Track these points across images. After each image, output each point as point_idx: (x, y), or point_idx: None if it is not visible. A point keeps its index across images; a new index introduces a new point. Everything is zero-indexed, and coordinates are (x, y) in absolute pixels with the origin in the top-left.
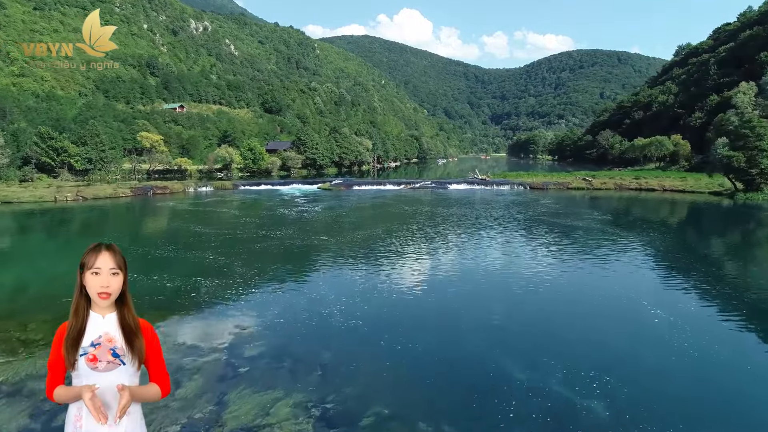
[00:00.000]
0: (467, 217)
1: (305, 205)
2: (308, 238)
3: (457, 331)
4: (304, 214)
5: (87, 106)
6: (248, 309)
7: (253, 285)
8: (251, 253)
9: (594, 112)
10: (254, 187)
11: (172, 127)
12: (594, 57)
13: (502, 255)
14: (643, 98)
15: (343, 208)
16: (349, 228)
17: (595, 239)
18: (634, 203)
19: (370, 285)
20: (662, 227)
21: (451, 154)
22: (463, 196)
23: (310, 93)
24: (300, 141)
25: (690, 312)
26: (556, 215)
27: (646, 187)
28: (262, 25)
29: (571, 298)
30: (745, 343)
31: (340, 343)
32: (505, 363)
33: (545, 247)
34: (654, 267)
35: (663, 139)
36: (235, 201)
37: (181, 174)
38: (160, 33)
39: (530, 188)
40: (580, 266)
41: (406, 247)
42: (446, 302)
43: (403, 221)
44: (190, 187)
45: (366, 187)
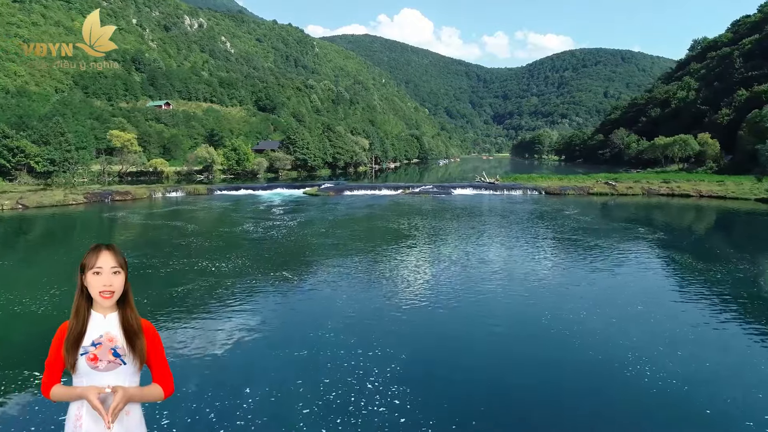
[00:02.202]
0: (477, 235)
1: (280, 217)
2: (254, 275)
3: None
4: (272, 233)
5: (61, 102)
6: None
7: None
8: (159, 301)
9: (598, 112)
10: (232, 192)
11: (152, 125)
12: (597, 56)
13: (535, 304)
14: (659, 95)
15: (323, 223)
16: (318, 256)
17: (657, 270)
18: (674, 213)
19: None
20: (734, 249)
21: (453, 155)
22: (469, 204)
23: (307, 91)
24: (289, 140)
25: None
26: (589, 231)
27: (679, 192)
28: (260, 23)
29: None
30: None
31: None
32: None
33: (592, 285)
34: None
35: (687, 137)
36: (200, 210)
37: (157, 176)
38: (151, 28)
39: (546, 194)
40: (663, 319)
41: (389, 303)
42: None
43: (393, 244)
44: (157, 193)
45: (358, 192)
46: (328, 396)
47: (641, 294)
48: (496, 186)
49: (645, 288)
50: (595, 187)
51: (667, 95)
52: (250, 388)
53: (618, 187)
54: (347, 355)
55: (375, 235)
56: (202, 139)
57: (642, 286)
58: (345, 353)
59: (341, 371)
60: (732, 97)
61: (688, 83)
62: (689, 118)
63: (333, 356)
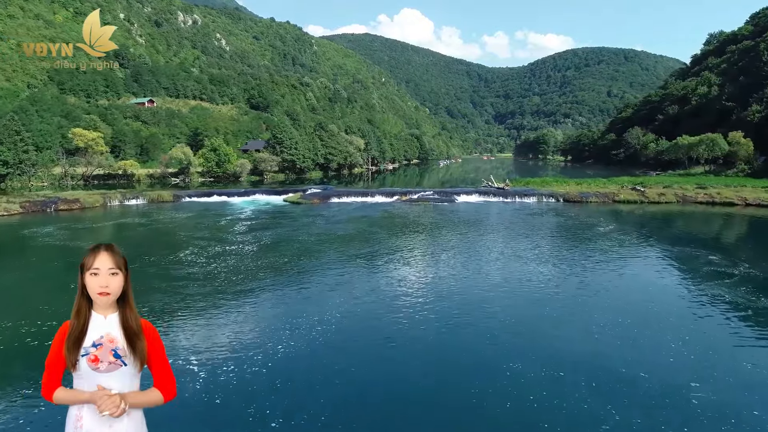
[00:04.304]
0: (493, 267)
1: (241, 236)
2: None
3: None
4: (211, 266)
5: (30, 99)
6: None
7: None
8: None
9: (602, 111)
10: (203, 199)
11: (129, 123)
12: (600, 55)
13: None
14: (675, 91)
15: (294, 245)
16: (267, 305)
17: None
18: (726, 228)
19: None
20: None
21: (455, 155)
22: (476, 215)
23: (302, 88)
24: (276, 139)
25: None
26: (633, 259)
27: (720, 200)
28: (257, 20)
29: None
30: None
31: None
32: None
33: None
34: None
35: (715, 136)
36: (152, 225)
37: (128, 179)
38: (140, 24)
39: (564, 201)
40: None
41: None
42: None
43: (379, 283)
44: (114, 200)
45: (347, 199)
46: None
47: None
48: (506, 192)
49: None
50: (620, 193)
51: (685, 91)
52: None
53: (648, 194)
54: None
55: (354, 270)
56: (185, 138)
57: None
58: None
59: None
60: (762, 92)
61: (708, 78)
62: (713, 115)
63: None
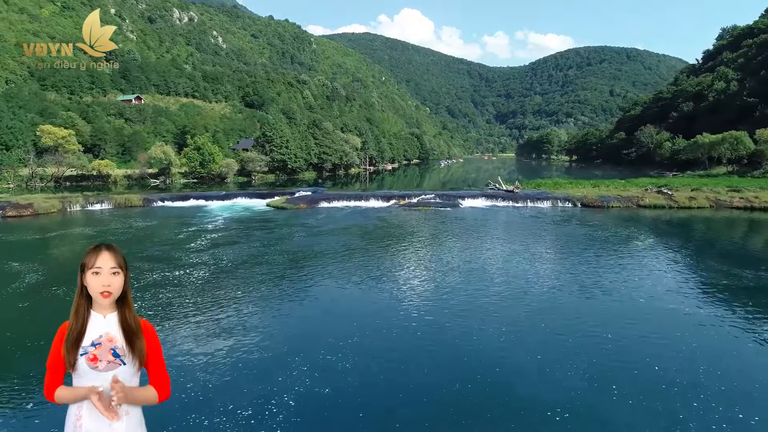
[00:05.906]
0: (513, 298)
1: (197, 254)
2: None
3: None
4: (142, 300)
5: (5, 95)
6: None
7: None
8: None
9: (605, 110)
10: (177, 204)
11: (111, 121)
12: (602, 54)
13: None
14: (689, 87)
15: (266, 263)
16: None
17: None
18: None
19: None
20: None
21: (456, 155)
22: (485, 223)
23: (299, 86)
24: (265, 137)
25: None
26: (689, 284)
27: (759, 205)
28: (255, 19)
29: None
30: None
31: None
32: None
33: None
34: None
35: (740, 134)
36: (99, 236)
37: (103, 180)
38: (132, 20)
39: (582, 206)
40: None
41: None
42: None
43: (366, 330)
44: (75, 205)
45: (338, 203)
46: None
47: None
48: (516, 195)
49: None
50: (645, 197)
51: (700, 88)
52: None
53: (676, 197)
54: None
55: (333, 305)
56: (171, 137)
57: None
58: None
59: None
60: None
61: (725, 73)
62: (734, 112)
63: None
